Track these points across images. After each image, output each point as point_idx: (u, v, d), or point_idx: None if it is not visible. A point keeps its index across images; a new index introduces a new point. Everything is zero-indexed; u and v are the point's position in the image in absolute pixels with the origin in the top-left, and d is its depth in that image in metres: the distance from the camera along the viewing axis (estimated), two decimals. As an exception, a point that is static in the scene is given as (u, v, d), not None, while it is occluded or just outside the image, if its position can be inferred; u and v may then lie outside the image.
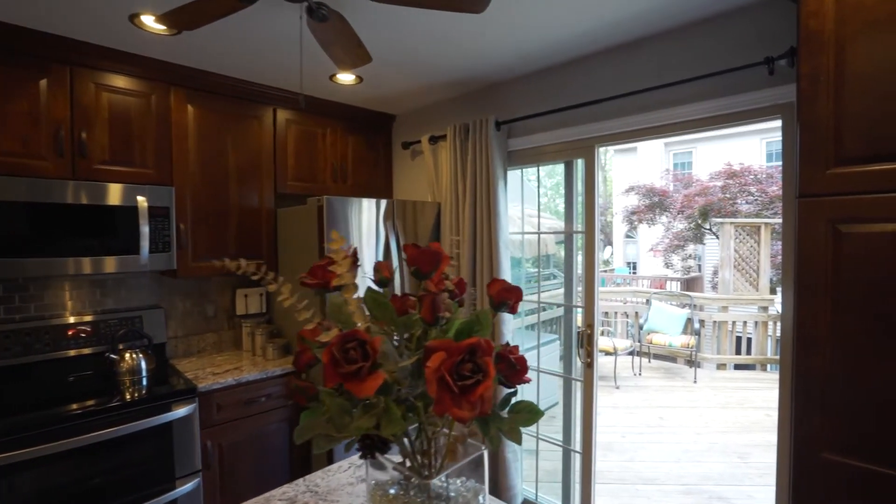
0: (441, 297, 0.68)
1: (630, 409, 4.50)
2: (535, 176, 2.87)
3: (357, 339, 0.54)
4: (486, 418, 0.75)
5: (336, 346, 0.53)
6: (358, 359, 0.52)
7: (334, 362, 0.52)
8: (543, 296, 2.80)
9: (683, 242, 12.02)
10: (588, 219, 2.32)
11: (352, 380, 0.52)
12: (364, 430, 0.58)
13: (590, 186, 2.32)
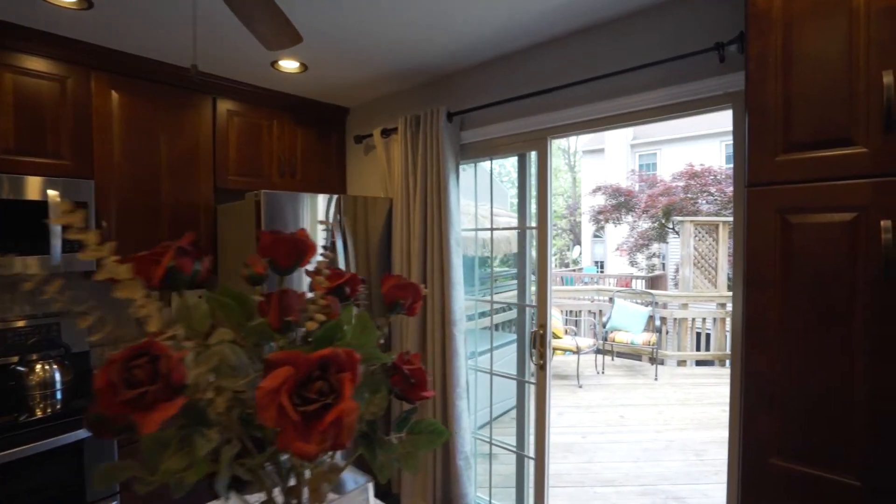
0: (295, 297, 0.54)
1: (592, 409, 4.47)
2: (497, 170, 2.76)
3: (149, 354, 0.40)
4: (373, 443, 0.61)
5: (118, 364, 0.39)
6: (144, 380, 0.38)
7: (110, 386, 0.38)
8: (504, 296, 2.68)
9: (648, 241, 12.24)
10: (541, 214, 2.22)
11: (135, 409, 0.38)
12: (174, 473, 0.44)
13: (543, 180, 2.22)
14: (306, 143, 3.01)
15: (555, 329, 5.44)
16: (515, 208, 2.46)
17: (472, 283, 2.80)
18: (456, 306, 2.39)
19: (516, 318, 2.48)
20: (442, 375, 2.43)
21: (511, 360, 3.73)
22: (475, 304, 2.76)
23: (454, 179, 2.43)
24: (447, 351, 2.40)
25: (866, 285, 1.11)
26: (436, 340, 2.44)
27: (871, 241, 1.10)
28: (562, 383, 5.22)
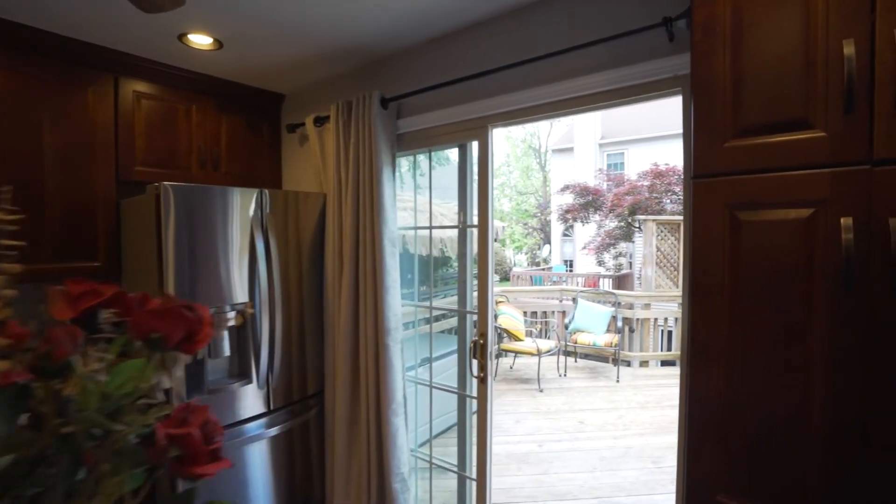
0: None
1: (551, 414, 4.31)
2: (446, 161, 2.54)
3: None
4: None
5: None
6: None
7: None
8: (451, 301, 2.45)
9: (614, 241, 12.30)
10: (482, 211, 2.01)
11: None
12: None
13: (483, 173, 2.01)
14: (233, 131, 2.72)
15: (515, 332, 5.28)
16: (451, 202, 2.25)
17: (413, 287, 2.57)
18: (390, 313, 2.15)
19: (457, 325, 2.26)
20: (376, 390, 2.19)
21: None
22: (416, 310, 2.53)
23: (389, 172, 2.20)
24: (381, 363, 2.16)
25: (825, 294, 0.94)
26: (368, 351, 2.20)
27: (830, 241, 0.93)
28: (522, 387, 5.06)
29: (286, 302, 2.33)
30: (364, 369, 2.23)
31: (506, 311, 5.40)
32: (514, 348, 5.19)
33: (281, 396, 2.35)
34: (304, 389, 2.49)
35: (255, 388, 2.22)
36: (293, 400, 2.45)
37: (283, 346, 2.29)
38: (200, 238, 2.02)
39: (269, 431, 2.26)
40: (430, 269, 2.41)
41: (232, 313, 2.14)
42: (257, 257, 2.17)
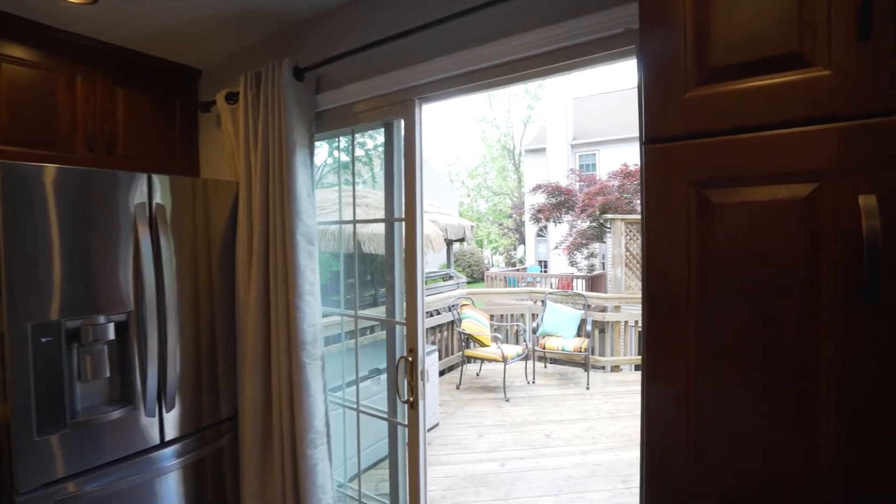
0: None
1: (516, 427, 4.01)
2: (368, 144, 2.19)
3: None
4: None
5: None
6: None
7: None
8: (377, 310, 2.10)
9: (587, 241, 12.15)
10: (409, 201, 1.68)
11: None
12: None
13: (411, 156, 1.68)
14: (134, 109, 2.33)
15: (481, 337, 4.97)
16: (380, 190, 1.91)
17: (339, 293, 2.22)
18: (305, 324, 1.80)
19: (386, 338, 1.92)
20: (290, 417, 1.83)
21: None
22: (342, 320, 2.17)
23: (304, 156, 1.85)
24: (296, 384, 1.81)
25: (836, 309, 0.63)
26: (281, 370, 1.84)
27: (843, 232, 0.63)
28: (487, 397, 4.75)
29: (191, 310, 1.96)
30: (277, 391, 1.87)
31: (470, 316, 5.09)
32: (478, 355, 4.88)
33: (188, 422, 1.97)
34: (217, 412, 2.12)
35: (142, 416, 1.84)
36: (203, 425, 2.07)
37: (185, 362, 1.91)
38: (62, 232, 1.63)
39: (169, 464, 1.88)
40: (355, 271, 2.04)
41: (110, 325, 1.75)
42: (142, 257, 1.79)
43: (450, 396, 4.75)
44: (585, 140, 16.72)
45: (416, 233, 1.64)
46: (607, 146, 16.25)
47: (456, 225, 7.14)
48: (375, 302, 3.07)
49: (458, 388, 4.98)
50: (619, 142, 15.98)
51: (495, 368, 5.55)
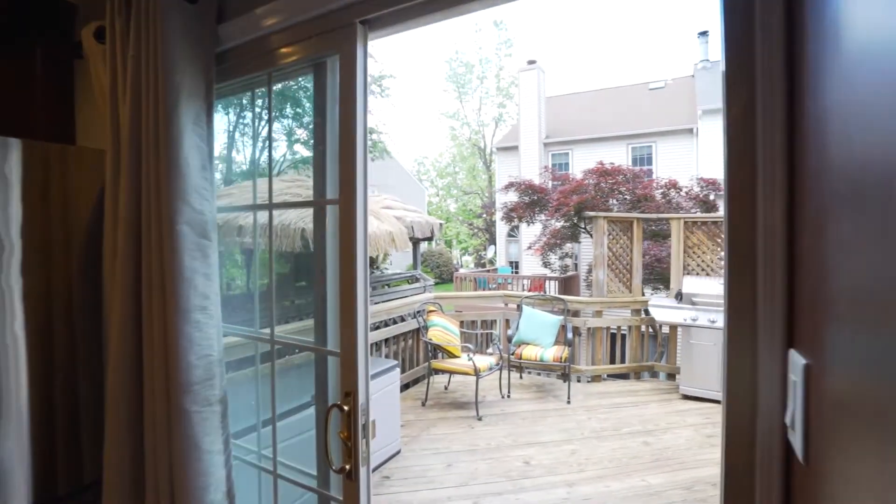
0: None
1: (491, 452, 3.50)
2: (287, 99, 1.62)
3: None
4: None
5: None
6: None
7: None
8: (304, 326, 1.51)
9: (561, 241, 11.84)
10: (345, 174, 1.12)
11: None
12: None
13: (349, 109, 1.13)
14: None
15: (449, 347, 4.44)
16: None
17: (254, 305, 1.63)
18: (192, 356, 1.22)
19: (316, 373, 1.34)
20: (170, 493, 1.24)
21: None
22: (258, 345, 1.58)
23: (197, 111, 1.26)
24: (177, 444, 1.22)
25: None
26: (157, 424, 1.25)
27: None
28: (457, 415, 4.22)
29: (35, 331, 1.35)
30: (151, 453, 1.27)
31: (438, 323, 4.55)
32: (447, 367, 4.35)
33: (37, 488, 1.37)
34: (78, 476, 1.52)
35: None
36: (56, 495, 1.47)
37: (33, 406, 1.31)
38: None
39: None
40: (271, 276, 1.45)
41: None
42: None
43: (414, 415, 4.20)
44: (558, 139, 16.49)
45: (355, 220, 1.09)
46: (581, 145, 16.07)
47: (423, 222, 6.60)
48: (307, 314, 2.49)
49: (423, 405, 4.44)
50: (592, 141, 15.82)
51: (466, 380, 5.04)
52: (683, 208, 9.85)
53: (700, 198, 10.11)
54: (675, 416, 4.17)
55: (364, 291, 1.10)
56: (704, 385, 4.51)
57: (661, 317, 4.74)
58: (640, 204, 9.74)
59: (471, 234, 29.69)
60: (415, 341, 5.11)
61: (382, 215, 4.69)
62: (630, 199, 10.02)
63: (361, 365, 1.11)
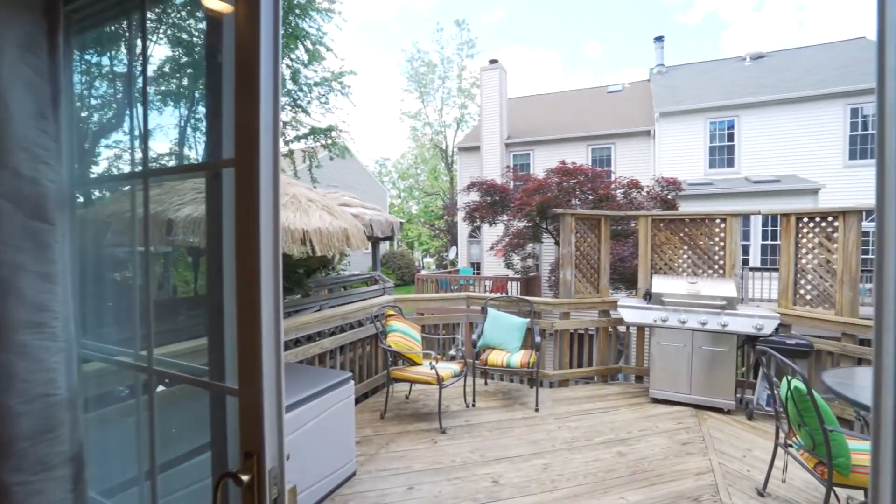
0: None
1: (456, 471, 3.16)
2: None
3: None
4: None
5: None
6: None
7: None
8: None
9: (523, 241, 11.69)
10: (243, 123, 0.75)
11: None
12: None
13: (251, 22, 0.75)
14: None
15: (411, 354, 4.08)
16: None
17: (133, 319, 1.21)
18: (9, 400, 0.80)
19: (211, 416, 0.95)
20: None
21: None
22: (138, 375, 1.17)
23: (24, 34, 0.85)
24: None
25: None
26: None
27: None
28: (419, 428, 3.86)
29: None
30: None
31: (397, 328, 4.17)
32: (408, 376, 3.98)
33: None
34: None
35: None
36: None
37: None
38: None
39: None
40: (148, 281, 1.04)
41: None
42: None
43: (371, 430, 3.80)
44: (520, 139, 16.43)
45: (257, 190, 0.71)
46: (542, 146, 16.07)
47: (382, 221, 6.20)
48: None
49: (382, 418, 4.05)
50: (553, 142, 15.85)
51: (428, 389, 4.69)
52: (644, 207, 9.91)
53: (660, 197, 10.21)
54: (647, 422, 3.98)
55: (273, 297, 0.73)
56: (674, 388, 4.36)
57: (631, 318, 4.56)
58: (602, 203, 9.71)
59: (432, 235, 29.36)
60: (373, 347, 4.72)
61: (337, 211, 4.27)
62: (592, 199, 9.97)
63: (271, 409, 0.73)
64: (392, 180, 37.51)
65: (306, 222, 3.62)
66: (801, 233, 4.45)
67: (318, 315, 3.98)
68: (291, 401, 2.50)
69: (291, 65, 11.88)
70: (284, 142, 12.54)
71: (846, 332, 4.02)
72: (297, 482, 0.91)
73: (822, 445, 2.39)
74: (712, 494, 2.84)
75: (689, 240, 4.89)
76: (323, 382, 2.81)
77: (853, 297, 4.11)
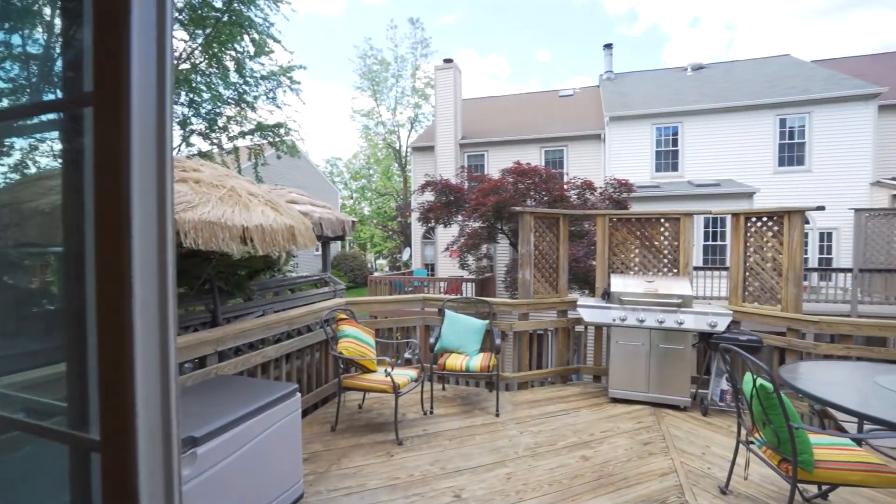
0: None
1: (415, 486, 2.93)
2: None
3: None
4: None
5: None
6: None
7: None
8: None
9: (478, 241, 11.61)
10: (103, 42, 0.50)
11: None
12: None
13: None
14: None
15: (364, 361, 3.80)
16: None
17: None
18: None
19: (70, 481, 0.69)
20: None
21: None
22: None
23: None
24: None
25: None
26: None
27: None
28: (374, 440, 3.59)
29: None
30: None
31: (349, 333, 3.88)
32: (361, 385, 3.70)
33: None
34: None
35: None
36: None
37: None
38: None
39: None
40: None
41: None
42: None
43: (321, 444, 3.49)
44: (475, 140, 16.40)
45: (127, 135, 0.46)
46: (496, 147, 16.11)
47: (333, 219, 5.85)
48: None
49: (333, 430, 3.75)
50: (508, 143, 15.93)
51: (383, 397, 4.43)
52: (598, 208, 10.08)
53: (613, 198, 10.43)
54: (609, 423, 3.92)
55: (158, 304, 0.48)
56: (633, 387, 4.34)
57: (590, 317, 4.51)
58: (557, 204, 9.78)
59: (385, 236, 28.87)
60: (323, 354, 4.39)
61: (283, 207, 3.93)
62: (547, 200, 10.03)
63: (152, 469, 0.48)
64: (344, 181, 36.65)
65: (247, 218, 3.26)
66: (749, 231, 4.57)
67: (260, 321, 3.63)
68: (227, 420, 2.18)
69: (236, 56, 11.20)
70: (228, 137, 11.82)
71: (791, 326, 4.14)
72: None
73: (786, 443, 2.36)
74: (678, 496, 2.78)
75: (645, 239, 4.91)
76: (265, 396, 2.50)
77: (797, 293, 4.25)
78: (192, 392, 2.58)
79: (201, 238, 2.84)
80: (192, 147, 11.43)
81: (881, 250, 9.65)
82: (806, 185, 12.69)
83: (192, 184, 3.24)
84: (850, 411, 2.32)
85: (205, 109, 11.34)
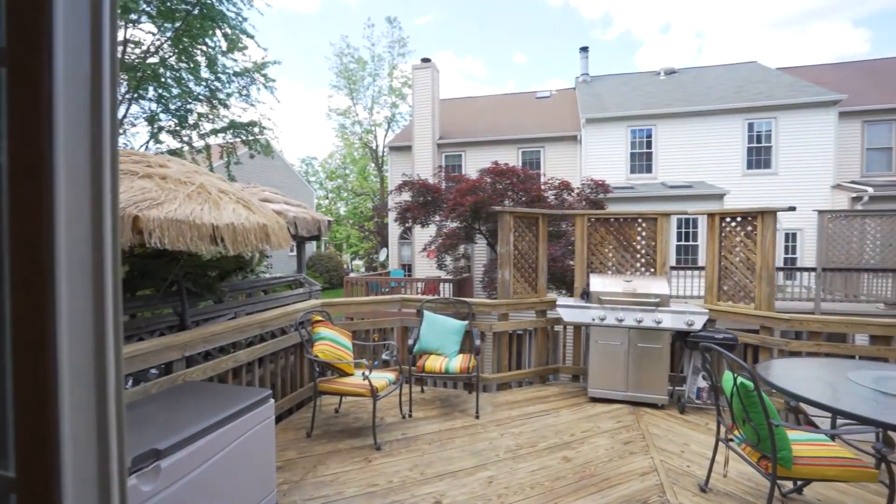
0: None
1: (394, 494, 2.84)
2: None
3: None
4: None
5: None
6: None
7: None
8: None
9: (456, 242, 11.56)
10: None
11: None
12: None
13: None
14: None
15: (341, 364, 3.69)
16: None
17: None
18: None
19: None
20: None
21: None
22: None
23: None
24: None
25: None
26: None
27: None
28: (351, 445, 3.48)
29: None
30: None
31: (325, 335, 3.76)
32: (338, 389, 3.58)
33: None
34: None
35: None
36: None
37: None
38: None
39: None
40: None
41: None
42: None
43: (296, 451, 3.37)
44: (452, 140, 16.37)
45: (50, 102, 0.37)
46: (474, 148, 16.11)
47: (309, 219, 5.69)
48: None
49: (309, 436, 3.62)
50: (485, 144, 15.95)
51: (361, 401, 4.32)
52: (575, 208, 10.17)
53: (589, 199, 10.54)
54: (589, 423, 3.91)
55: (93, 308, 0.39)
56: (612, 386, 4.35)
57: (570, 317, 4.50)
58: (535, 204, 9.82)
59: (362, 237, 28.56)
60: (298, 358, 4.25)
61: (255, 206, 3.78)
62: (525, 200, 10.06)
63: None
64: (319, 180, 36.11)
65: (217, 216, 3.11)
66: (723, 232, 4.65)
67: (232, 323, 3.47)
68: (194, 430, 2.05)
69: (207, 51, 10.85)
70: (199, 135, 11.45)
71: (764, 324, 4.23)
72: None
73: (766, 440, 2.37)
74: (659, 495, 2.77)
75: (623, 239, 4.94)
76: (236, 403, 2.37)
77: (770, 291, 4.34)
78: (158, 400, 2.43)
79: (167, 237, 2.69)
80: (160, 144, 11.02)
81: (841, 250, 10.04)
82: (773, 187, 13.11)
83: (157, 180, 3.07)
84: (827, 407, 2.34)
85: (174, 105, 10.94)
